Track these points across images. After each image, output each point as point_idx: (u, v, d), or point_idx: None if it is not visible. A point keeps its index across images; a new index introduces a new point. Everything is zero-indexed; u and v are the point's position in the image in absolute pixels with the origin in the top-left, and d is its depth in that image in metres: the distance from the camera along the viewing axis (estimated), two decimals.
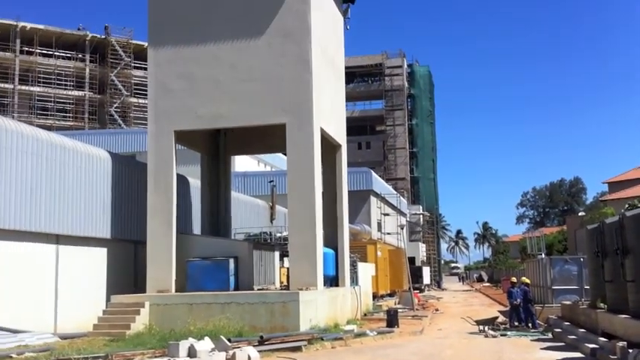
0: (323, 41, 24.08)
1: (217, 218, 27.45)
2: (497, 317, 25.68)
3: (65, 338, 18.22)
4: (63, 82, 61.50)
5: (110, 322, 19.86)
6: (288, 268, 23.22)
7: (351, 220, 35.17)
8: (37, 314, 19.12)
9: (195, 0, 23.15)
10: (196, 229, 27.29)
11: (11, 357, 14.79)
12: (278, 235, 28.68)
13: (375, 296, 34.59)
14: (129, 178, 23.82)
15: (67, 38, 62.74)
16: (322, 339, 18.26)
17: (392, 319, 22.91)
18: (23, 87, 59.51)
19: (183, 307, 20.15)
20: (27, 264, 19.04)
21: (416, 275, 49.53)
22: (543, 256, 35.86)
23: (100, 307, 21.20)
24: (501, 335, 21.47)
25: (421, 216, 76.93)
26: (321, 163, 23.16)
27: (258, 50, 22.49)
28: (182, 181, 25.80)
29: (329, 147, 25.45)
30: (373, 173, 52.45)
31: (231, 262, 22.04)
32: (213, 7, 22.99)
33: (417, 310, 32.41)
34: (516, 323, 23.43)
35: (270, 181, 36.22)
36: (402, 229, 40.64)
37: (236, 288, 21.85)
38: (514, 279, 26.24)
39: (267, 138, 26.69)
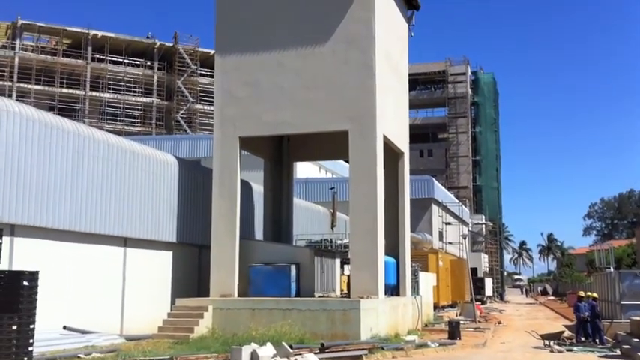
0: (387, 48, 24.01)
1: (279, 224, 27.66)
2: (563, 331, 24.96)
3: (131, 339, 18.65)
4: (132, 89, 63.28)
5: (174, 325, 20.23)
6: (348, 276, 23.18)
7: (413, 229, 34.88)
8: (104, 315, 19.66)
9: (260, 8, 23.46)
10: (258, 234, 27.56)
11: (79, 357, 15.23)
12: (339, 242, 28.71)
13: (436, 307, 34.15)
14: (194, 183, 24.28)
15: (136, 46, 64.54)
16: (383, 348, 18.14)
17: (454, 331, 22.57)
18: (94, 93, 61.47)
19: (245, 311, 20.36)
20: (96, 266, 19.62)
21: (478, 286, 48.68)
22: (612, 269, 34.72)
23: (165, 309, 21.63)
24: (567, 350, 20.87)
25: (484, 226, 75.60)
26: (384, 170, 23.05)
27: (322, 57, 22.59)
28: (245, 187, 26.13)
29: (391, 154, 25.32)
30: (435, 181, 51.90)
31: (293, 268, 22.17)
32: (279, 16, 23.23)
33: (479, 322, 31.85)
34: (583, 338, 22.74)
35: (332, 188, 36.21)
36: (465, 238, 39.98)
37: (297, 294, 21.95)
38: (582, 292, 25.49)
39: (329, 145, 26.76)
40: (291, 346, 15.45)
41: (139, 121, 63.47)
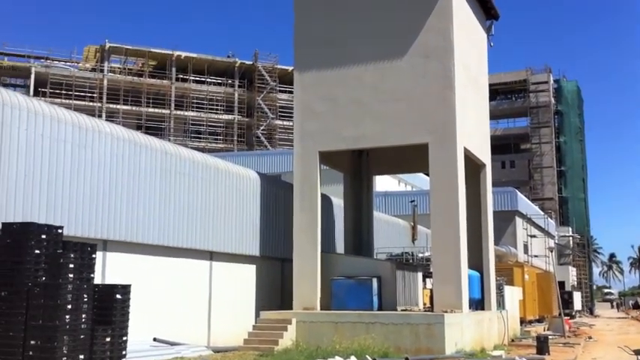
0: (466, 59, 23.77)
1: (360, 237, 27.69)
2: None
3: (218, 351, 19.05)
4: (214, 107, 65.06)
5: (259, 337, 20.52)
6: (431, 290, 22.94)
7: (496, 242, 34.15)
8: (192, 327, 20.19)
9: (338, 25, 23.70)
10: (339, 247, 27.68)
11: None
12: (420, 255, 28.43)
13: (522, 321, 33.27)
14: (275, 198, 24.68)
15: (218, 65, 66.38)
16: None
17: (542, 346, 21.92)
18: (178, 112, 63.55)
19: (328, 325, 20.45)
20: (184, 279, 20.21)
21: (566, 300, 47.10)
22: None
23: (250, 321, 22.00)
24: None
25: (570, 238, 73.21)
26: (465, 182, 22.77)
27: (400, 71, 22.59)
28: (326, 201, 26.32)
29: (472, 166, 24.97)
30: (518, 193, 50.73)
31: (375, 281, 22.12)
32: (356, 31, 23.40)
33: (568, 337, 30.81)
34: None
35: (412, 201, 36.03)
36: (551, 251, 38.84)
37: (379, 308, 21.89)
38: None
39: (408, 157, 26.62)
40: None
41: (221, 138, 65.14)
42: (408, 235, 34.29)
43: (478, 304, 24.34)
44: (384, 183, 46.29)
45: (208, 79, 65.50)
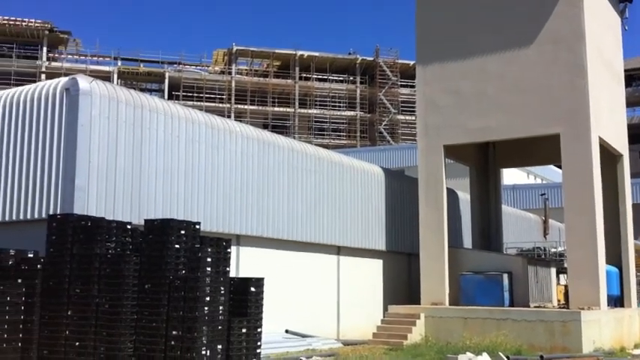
0: (598, 44, 22.62)
1: (488, 232, 27.09)
2: None
3: (348, 344, 19.33)
4: (337, 104, 65.80)
5: (388, 332, 20.60)
6: (565, 286, 22.05)
7: (636, 236, 32.23)
8: (321, 320, 20.61)
9: (461, 16, 23.27)
10: (467, 242, 27.22)
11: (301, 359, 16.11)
12: (553, 250, 27.45)
13: None
14: (400, 192, 24.65)
15: (340, 63, 67.02)
16: None
17: None
18: (302, 110, 64.83)
19: (457, 320, 20.21)
20: (312, 273, 20.67)
21: None
22: None
23: (377, 316, 22.14)
24: None
25: None
26: (601, 174, 21.69)
27: (527, 59, 21.86)
28: (451, 195, 25.98)
29: (608, 157, 23.75)
30: None
31: (505, 277, 21.58)
32: (480, 22, 22.88)
33: None
34: None
35: (542, 194, 34.86)
36: None
37: (510, 304, 21.33)
38: None
39: (537, 149, 25.76)
40: (508, 357, 15.07)
41: (344, 134, 65.77)
42: (539, 230, 33.18)
43: (617, 301, 23.16)
44: (512, 176, 44.94)
45: (330, 77, 66.29)
